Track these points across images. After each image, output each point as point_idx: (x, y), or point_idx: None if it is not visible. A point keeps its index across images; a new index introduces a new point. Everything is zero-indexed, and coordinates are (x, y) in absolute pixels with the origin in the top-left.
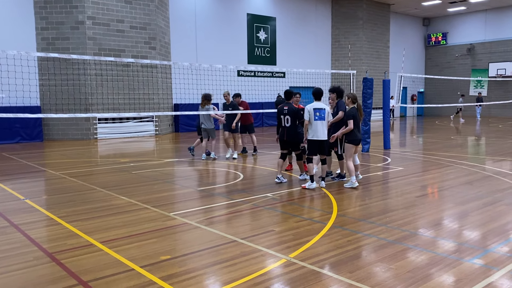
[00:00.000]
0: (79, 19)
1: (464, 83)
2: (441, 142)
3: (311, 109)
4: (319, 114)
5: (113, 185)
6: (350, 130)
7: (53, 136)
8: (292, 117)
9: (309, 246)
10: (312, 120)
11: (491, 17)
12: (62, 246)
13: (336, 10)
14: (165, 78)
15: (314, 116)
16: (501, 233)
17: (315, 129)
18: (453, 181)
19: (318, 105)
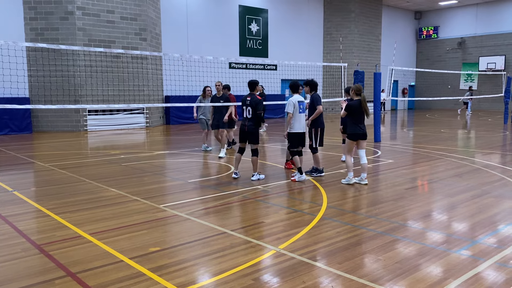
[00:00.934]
0: (68, 10)
1: (455, 76)
2: (431, 135)
3: (295, 101)
4: (302, 107)
5: (102, 177)
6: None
7: (42, 128)
8: (253, 109)
9: (298, 237)
10: (297, 113)
11: (482, 11)
12: (50, 237)
13: (328, 3)
14: (156, 70)
15: (298, 109)
16: (489, 225)
17: (299, 122)
18: (442, 173)
19: (299, 98)
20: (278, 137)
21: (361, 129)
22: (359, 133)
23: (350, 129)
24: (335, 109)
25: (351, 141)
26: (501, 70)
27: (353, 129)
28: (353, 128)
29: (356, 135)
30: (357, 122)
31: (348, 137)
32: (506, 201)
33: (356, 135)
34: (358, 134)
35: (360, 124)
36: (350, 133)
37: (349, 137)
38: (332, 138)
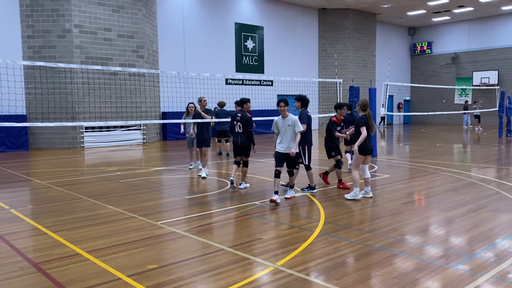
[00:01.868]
0: (66, 27)
1: (449, 91)
2: (427, 150)
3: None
4: None
5: (99, 194)
6: (365, 137)
7: (39, 145)
8: (243, 125)
9: (296, 253)
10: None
11: (474, 27)
12: (47, 256)
13: (323, 19)
14: (153, 87)
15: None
16: (485, 239)
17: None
18: (438, 188)
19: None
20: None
21: (370, 145)
22: (369, 148)
23: (361, 144)
24: None
25: (360, 156)
26: (494, 84)
27: (363, 144)
28: (363, 143)
29: (367, 151)
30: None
31: (359, 152)
32: (502, 215)
33: (367, 150)
34: (368, 150)
35: (369, 139)
36: (361, 148)
37: (359, 152)
38: None
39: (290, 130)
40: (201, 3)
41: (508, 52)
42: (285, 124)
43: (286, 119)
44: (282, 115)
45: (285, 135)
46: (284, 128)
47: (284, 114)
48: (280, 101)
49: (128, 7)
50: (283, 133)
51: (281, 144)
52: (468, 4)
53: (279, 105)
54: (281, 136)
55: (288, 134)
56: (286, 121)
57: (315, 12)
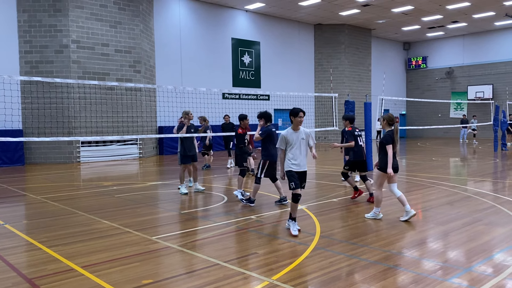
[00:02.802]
0: (63, 43)
1: (445, 105)
2: (423, 163)
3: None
4: None
5: (95, 209)
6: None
7: (35, 160)
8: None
9: (292, 268)
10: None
11: (469, 42)
12: (42, 271)
13: (319, 35)
14: (149, 101)
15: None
16: (480, 252)
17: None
18: (434, 201)
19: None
20: None
21: (396, 162)
22: (394, 166)
23: (385, 161)
24: (327, 137)
25: (383, 174)
26: (489, 98)
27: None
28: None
29: (394, 169)
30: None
31: (381, 169)
32: (497, 229)
33: (394, 168)
34: (393, 168)
35: (395, 156)
36: (384, 166)
37: (383, 170)
38: (324, 166)
39: (304, 144)
40: (198, 18)
41: (501, 66)
42: (299, 138)
43: (299, 132)
44: (295, 128)
45: (298, 150)
46: (299, 143)
47: (298, 127)
48: (299, 111)
49: (125, 22)
50: (296, 149)
51: (295, 162)
52: (462, 20)
53: (299, 116)
54: (294, 152)
55: (303, 149)
56: (299, 134)
57: (311, 27)
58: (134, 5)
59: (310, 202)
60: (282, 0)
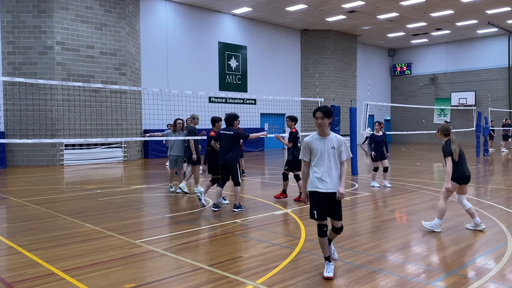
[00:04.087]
0: (47, 44)
1: (429, 111)
2: (407, 168)
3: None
4: None
5: (77, 212)
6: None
7: (17, 162)
8: None
9: (276, 271)
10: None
11: (452, 49)
12: (21, 275)
13: (305, 40)
14: (135, 104)
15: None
16: (462, 256)
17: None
18: (417, 206)
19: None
20: (258, 171)
21: (467, 171)
22: (466, 175)
23: (455, 171)
24: None
25: (455, 184)
26: (472, 105)
27: (456, 170)
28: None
29: (462, 178)
30: (463, 163)
31: (453, 179)
32: (480, 233)
33: (462, 178)
34: (464, 177)
35: (462, 164)
36: (454, 176)
37: (453, 180)
38: None
39: (334, 156)
40: (184, 22)
41: (483, 74)
42: (327, 146)
43: (327, 138)
44: (321, 133)
45: (325, 163)
46: (326, 153)
47: (324, 130)
48: (316, 110)
49: (111, 25)
50: (323, 161)
51: (321, 180)
52: (446, 27)
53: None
54: (319, 165)
55: (332, 162)
56: (327, 141)
57: (297, 33)
58: (120, 7)
59: (295, 206)
60: (269, 5)
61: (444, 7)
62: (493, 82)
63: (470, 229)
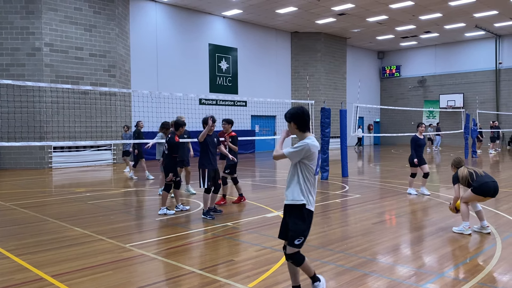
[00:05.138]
0: (35, 46)
1: (418, 113)
2: (396, 170)
3: None
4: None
5: (66, 216)
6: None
7: (4, 165)
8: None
9: (268, 275)
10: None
11: (440, 52)
12: (8, 281)
13: (296, 42)
14: (124, 106)
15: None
16: (453, 258)
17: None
18: (407, 208)
19: None
20: (249, 173)
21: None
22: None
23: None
24: None
25: (476, 196)
26: (460, 107)
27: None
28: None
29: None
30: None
31: (476, 191)
32: (468, 235)
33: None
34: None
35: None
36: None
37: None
38: None
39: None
40: (174, 23)
41: (471, 76)
42: None
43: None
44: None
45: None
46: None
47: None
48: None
49: (100, 26)
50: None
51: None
52: (434, 30)
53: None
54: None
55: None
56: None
57: (288, 35)
58: (109, 8)
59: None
60: (259, 8)
61: (432, 10)
62: (480, 85)
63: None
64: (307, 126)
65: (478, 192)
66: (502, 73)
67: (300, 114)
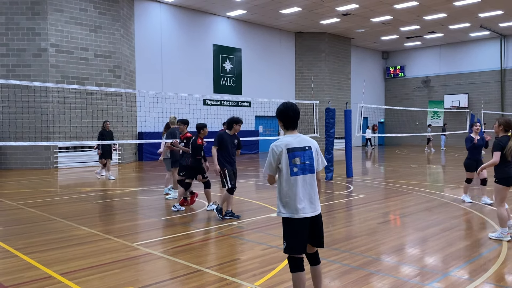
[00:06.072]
0: (41, 46)
1: (422, 114)
2: (401, 170)
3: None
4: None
5: (73, 215)
6: (494, 164)
7: (10, 165)
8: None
9: (274, 273)
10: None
11: (445, 52)
12: (19, 279)
13: (300, 42)
14: (130, 106)
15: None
16: (458, 257)
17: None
18: (413, 207)
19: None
20: (253, 173)
21: None
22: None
23: (502, 172)
24: None
25: (503, 187)
26: (465, 107)
27: (505, 171)
28: (504, 171)
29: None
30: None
31: (500, 182)
32: (474, 234)
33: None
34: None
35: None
36: (502, 177)
37: (500, 182)
38: None
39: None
40: (179, 24)
41: (476, 76)
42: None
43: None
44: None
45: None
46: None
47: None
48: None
49: (105, 27)
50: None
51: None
52: (439, 30)
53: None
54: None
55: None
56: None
57: (292, 35)
58: (114, 9)
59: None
60: (264, 8)
61: (437, 10)
62: (485, 85)
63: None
64: (291, 124)
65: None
66: (507, 73)
67: (282, 110)
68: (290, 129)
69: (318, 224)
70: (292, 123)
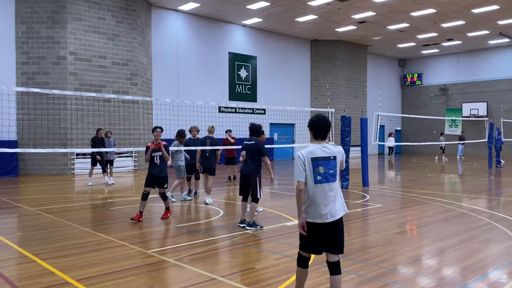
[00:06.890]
0: (60, 54)
1: (440, 122)
2: (418, 180)
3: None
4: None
5: (90, 222)
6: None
7: (29, 171)
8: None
9: (289, 283)
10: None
11: (463, 60)
12: (36, 284)
13: (315, 50)
14: (146, 114)
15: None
16: (477, 269)
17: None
18: (430, 218)
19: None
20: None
21: None
22: None
23: None
24: None
25: None
26: (483, 116)
27: None
28: None
29: None
30: None
31: None
32: (493, 246)
33: None
34: None
35: None
36: None
37: None
38: None
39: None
40: (195, 32)
41: (495, 84)
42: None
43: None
44: None
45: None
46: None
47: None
48: None
49: (123, 35)
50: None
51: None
52: (457, 38)
53: None
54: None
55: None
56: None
57: (307, 43)
58: (132, 18)
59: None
60: (279, 16)
61: (455, 18)
62: (505, 93)
63: None
64: (319, 134)
65: None
66: None
67: (314, 120)
68: (319, 139)
69: (337, 228)
70: (321, 134)
